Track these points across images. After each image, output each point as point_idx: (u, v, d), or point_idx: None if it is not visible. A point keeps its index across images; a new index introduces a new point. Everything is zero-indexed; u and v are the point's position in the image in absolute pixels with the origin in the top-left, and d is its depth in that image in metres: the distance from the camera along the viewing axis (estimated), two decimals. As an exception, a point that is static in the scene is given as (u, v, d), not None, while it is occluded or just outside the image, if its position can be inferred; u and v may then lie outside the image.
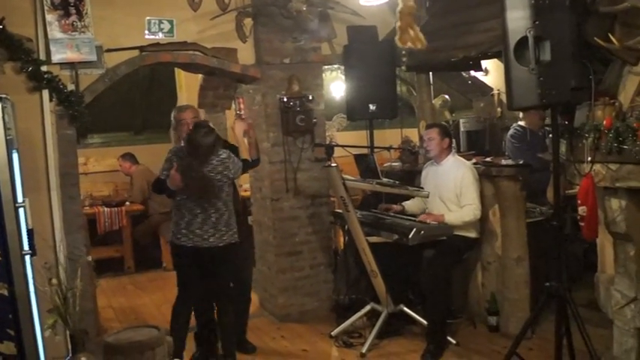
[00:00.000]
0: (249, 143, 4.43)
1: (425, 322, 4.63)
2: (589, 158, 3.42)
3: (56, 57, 4.54)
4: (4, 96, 3.34)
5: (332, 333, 4.95)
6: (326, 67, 5.94)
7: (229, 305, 4.29)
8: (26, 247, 3.36)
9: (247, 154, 4.40)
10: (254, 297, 5.89)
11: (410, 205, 5.08)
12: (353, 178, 4.85)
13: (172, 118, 4.61)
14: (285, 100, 5.27)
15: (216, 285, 4.26)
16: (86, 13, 4.63)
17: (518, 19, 3.35)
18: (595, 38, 3.32)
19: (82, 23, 4.62)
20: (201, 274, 4.20)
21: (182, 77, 8.05)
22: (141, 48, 4.85)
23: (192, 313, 4.33)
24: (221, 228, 4.12)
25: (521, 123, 5.88)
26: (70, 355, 2.65)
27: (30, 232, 3.50)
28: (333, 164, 4.51)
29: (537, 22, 3.27)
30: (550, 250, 3.85)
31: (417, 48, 4.82)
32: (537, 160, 5.16)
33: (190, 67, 5.45)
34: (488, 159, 5.19)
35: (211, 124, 4.29)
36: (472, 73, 6.87)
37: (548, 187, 4.40)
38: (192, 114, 4.54)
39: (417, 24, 4.80)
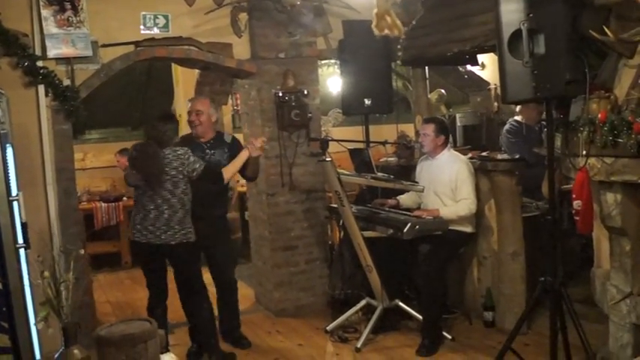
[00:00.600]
0: (249, 162, 4.43)
1: (420, 317, 4.63)
2: (584, 152, 3.42)
3: (52, 52, 4.56)
4: (-3, 90, 3.34)
5: (327, 328, 4.95)
6: (323, 62, 5.94)
7: (200, 302, 4.28)
8: (20, 240, 3.37)
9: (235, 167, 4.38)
10: (249, 292, 5.93)
11: (404, 199, 5.08)
12: (348, 173, 4.85)
13: None
14: (281, 94, 5.27)
15: (179, 282, 4.30)
16: (81, 9, 4.63)
17: (512, 12, 3.35)
18: (590, 31, 3.32)
19: (78, 18, 4.62)
20: (163, 270, 4.25)
21: (179, 73, 8.05)
22: (136, 43, 4.86)
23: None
24: (174, 226, 4.08)
25: (518, 118, 5.86)
26: (63, 347, 2.65)
27: (24, 226, 3.50)
28: (328, 159, 4.50)
29: (531, 15, 3.27)
30: (546, 245, 3.85)
31: (393, 35, 4.83)
32: (533, 155, 5.15)
33: (186, 62, 5.45)
34: (484, 153, 5.18)
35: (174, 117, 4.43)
36: (468, 67, 6.87)
37: (544, 181, 4.39)
38: (195, 105, 4.56)
39: (394, 10, 4.82)
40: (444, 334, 4.60)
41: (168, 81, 8.43)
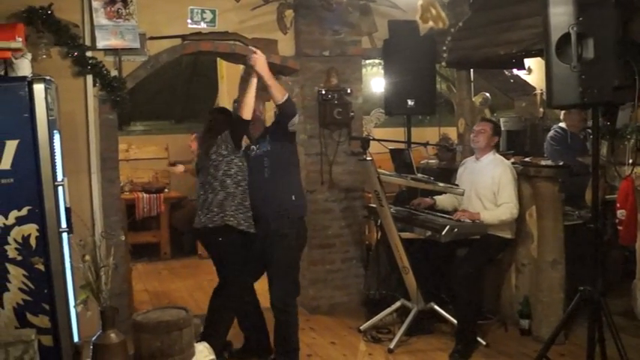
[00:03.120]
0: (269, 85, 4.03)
1: (455, 321, 4.59)
2: (630, 160, 3.35)
3: (101, 43, 4.64)
4: (48, 78, 3.42)
5: (361, 327, 4.94)
6: (367, 62, 5.93)
7: (225, 291, 4.17)
8: (64, 224, 3.45)
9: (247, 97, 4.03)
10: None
11: (442, 199, 5.04)
12: (388, 173, 4.83)
13: None
14: (324, 92, 5.28)
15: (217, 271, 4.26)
16: (131, 1, 4.72)
17: (561, 15, 3.30)
18: (641, 36, 3.25)
19: (127, 11, 4.71)
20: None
21: (224, 68, 8.12)
22: (183, 37, 4.91)
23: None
24: (213, 208, 4.02)
25: (562, 125, 5.77)
26: (100, 331, 2.70)
27: (68, 211, 3.59)
28: (369, 158, 4.50)
29: (581, 19, 3.22)
30: (587, 255, 3.78)
31: (437, 27, 4.79)
32: (577, 164, 5.06)
33: (230, 57, 5.50)
34: (527, 159, 5.11)
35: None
36: (514, 71, 6.77)
37: (587, 189, 4.31)
38: None
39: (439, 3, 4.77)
40: (479, 339, 4.55)
41: (212, 76, 8.52)
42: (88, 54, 4.59)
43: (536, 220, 4.70)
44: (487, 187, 4.60)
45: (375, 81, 7.99)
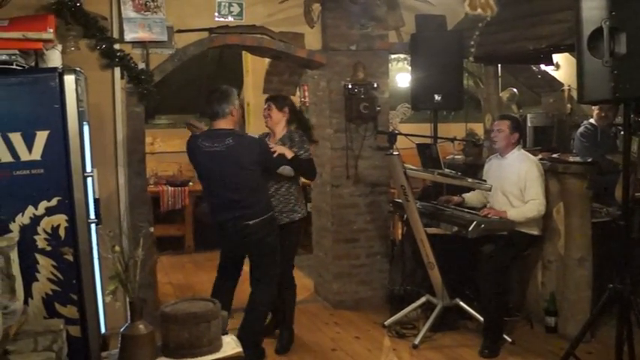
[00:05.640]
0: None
1: (480, 317, 4.56)
2: (661, 157, 3.30)
3: (129, 36, 4.67)
4: (78, 69, 3.44)
5: (385, 323, 4.93)
6: (392, 56, 5.89)
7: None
8: (92, 215, 3.48)
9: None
10: (308, 282, 5.96)
11: (470, 197, 5.00)
12: (414, 168, 4.81)
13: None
14: (350, 86, 5.26)
15: None
16: (159, -6, 4.73)
17: (593, 9, 3.24)
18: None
19: (155, 4, 4.73)
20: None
21: (249, 62, 8.15)
22: (210, 30, 4.92)
23: None
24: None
25: (592, 121, 5.71)
26: (129, 322, 2.72)
27: (97, 202, 3.62)
28: (396, 152, 4.48)
29: (614, 13, 3.16)
30: (615, 252, 3.73)
31: (486, 14, 4.73)
32: (606, 162, 4.99)
33: (257, 51, 5.50)
34: (554, 155, 5.05)
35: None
36: (542, 67, 6.70)
37: (617, 186, 4.25)
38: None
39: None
40: (505, 336, 4.51)
41: (237, 70, 8.54)
42: (116, 46, 4.61)
43: (563, 217, 4.65)
44: (513, 184, 4.56)
45: (400, 76, 7.95)
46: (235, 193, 4.05)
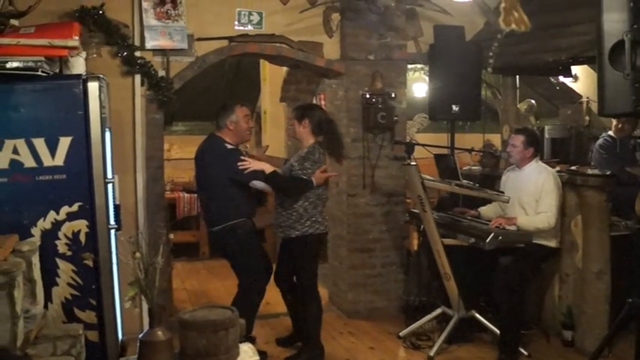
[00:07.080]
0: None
1: (496, 330, 4.53)
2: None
3: (150, 43, 4.71)
4: (101, 76, 3.48)
5: (400, 333, 4.90)
6: (409, 66, 5.90)
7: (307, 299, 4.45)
8: (112, 221, 3.50)
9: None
10: (323, 291, 5.92)
11: (486, 210, 4.97)
12: (432, 178, 4.79)
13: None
14: (368, 96, 5.27)
15: None
16: (180, 2, 4.78)
17: (615, 22, 3.22)
18: (699, 45, 3.16)
19: (176, 12, 4.77)
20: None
21: (267, 70, 8.17)
22: (230, 38, 4.96)
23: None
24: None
25: (611, 133, 5.68)
26: (148, 328, 2.73)
27: (117, 208, 3.65)
28: (413, 162, 4.47)
29: (635, 26, 3.14)
30: (634, 266, 3.69)
31: (520, 30, 4.72)
32: (625, 174, 4.95)
33: (276, 59, 5.53)
34: (572, 167, 5.02)
35: None
36: (560, 78, 6.68)
37: (637, 199, 4.21)
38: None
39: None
40: (521, 349, 4.48)
41: (255, 78, 8.57)
42: (137, 54, 4.65)
43: (581, 230, 4.61)
44: (530, 194, 4.53)
45: (417, 86, 7.95)
46: (207, 199, 4.41)
